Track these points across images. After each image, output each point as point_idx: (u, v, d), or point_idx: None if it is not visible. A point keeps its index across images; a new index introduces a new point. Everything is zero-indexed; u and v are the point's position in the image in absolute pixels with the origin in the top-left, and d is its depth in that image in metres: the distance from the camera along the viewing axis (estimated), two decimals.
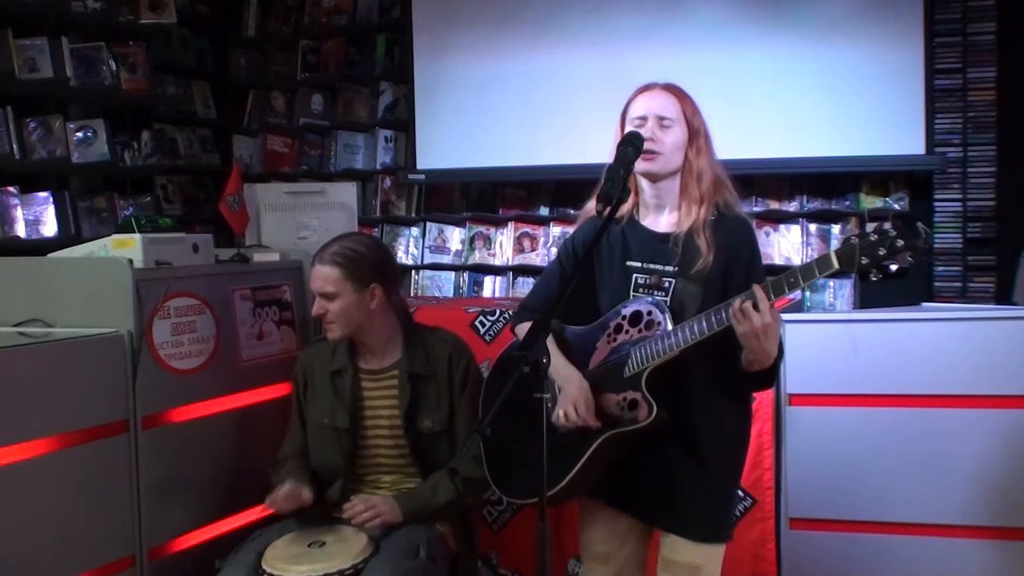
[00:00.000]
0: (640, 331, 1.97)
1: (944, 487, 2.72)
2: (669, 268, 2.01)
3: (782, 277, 1.82)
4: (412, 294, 4.53)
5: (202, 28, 4.91)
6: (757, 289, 1.80)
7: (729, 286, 1.93)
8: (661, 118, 2.00)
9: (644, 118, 2.01)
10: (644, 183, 2.06)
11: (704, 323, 1.87)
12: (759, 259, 2.05)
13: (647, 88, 2.07)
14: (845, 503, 2.79)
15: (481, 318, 3.06)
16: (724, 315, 1.84)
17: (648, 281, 2.03)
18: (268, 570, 2.13)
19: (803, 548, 2.84)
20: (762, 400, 2.81)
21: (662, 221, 2.07)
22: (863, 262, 1.75)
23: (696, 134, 2.03)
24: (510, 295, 4.42)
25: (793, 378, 2.80)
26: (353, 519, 2.27)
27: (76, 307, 2.40)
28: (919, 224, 1.73)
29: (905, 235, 1.72)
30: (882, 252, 1.73)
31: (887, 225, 1.74)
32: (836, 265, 1.78)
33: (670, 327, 1.92)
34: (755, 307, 1.79)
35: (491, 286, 4.53)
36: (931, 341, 2.74)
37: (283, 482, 2.34)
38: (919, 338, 2.76)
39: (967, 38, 3.87)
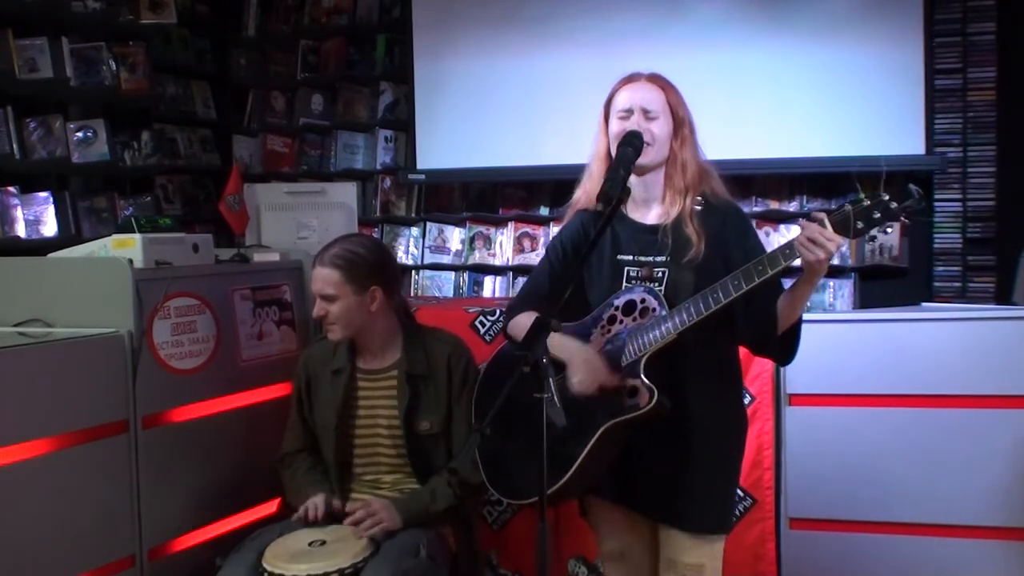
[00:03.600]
0: (635, 319, 1.97)
1: (944, 487, 2.72)
2: (660, 258, 2.01)
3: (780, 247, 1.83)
4: (412, 294, 4.53)
5: (202, 28, 4.90)
6: (811, 225, 1.79)
7: (730, 268, 1.91)
8: (646, 111, 2.00)
9: (629, 111, 2.01)
10: (631, 177, 2.05)
11: (701, 303, 1.86)
12: (757, 241, 2.05)
13: (631, 79, 2.07)
14: (845, 503, 2.79)
15: (481, 318, 3.06)
16: (720, 294, 1.84)
17: (640, 273, 2.03)
18: (268, 569, 2.13)
19: (803, 548, 2.84)
20: (762, 400, 2.81)
21: (650, 214, 2.07)
22: (859, 226, 1.76)
23: (681, 124, 2.03)
24: (510, 295, 4.42)
25: (793, 378, 2.80)
26: (352, 527, 2.27)
27: (76, 307, 2.40)
28: (912, 186, 1.74)
29: (898, 197, 1.73)
30: (877, 215, 1.74)
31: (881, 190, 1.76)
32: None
33: (665, 312, 1.92)
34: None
35: (491, 286, 4.53)
36: (931, 341, 2.74)
37: (301, 487, 2.38)
38: (919, 338, 2.76)
39: (967, 38, 3.87)
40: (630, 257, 2.05)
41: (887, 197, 1.73)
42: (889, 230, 1.77)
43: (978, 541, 2.70)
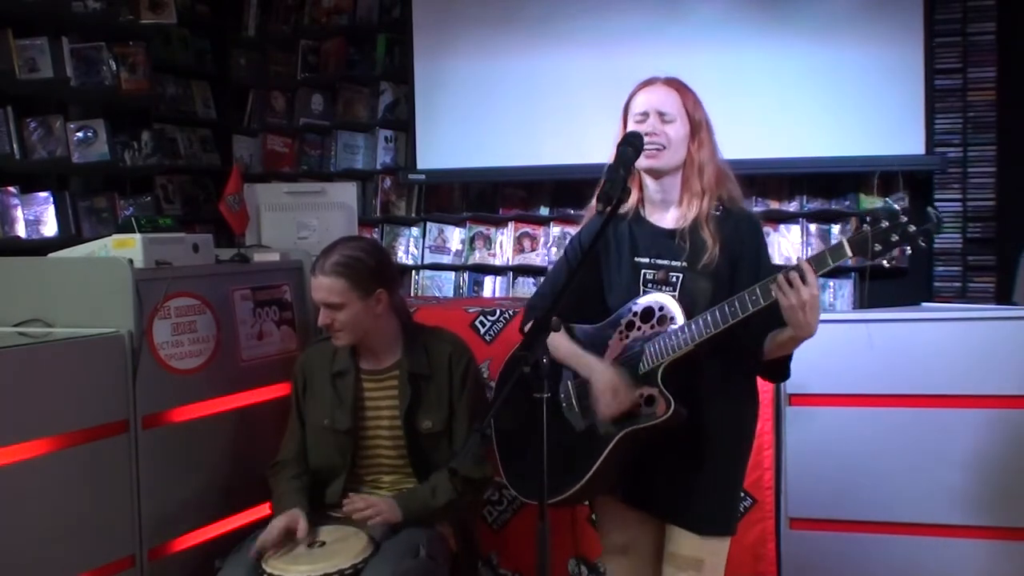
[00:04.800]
0: (652, 327, 1.98)
1: (944, 487, 2.72)
2: (677, 263, 2.01)
3: (811, 257, 1.83)
4: (412, 294, 4.53)
5: (202, 28, 4.90)
6: (803, 262, 1.80)
7: (736, 281, 1.94)
8: (661, 114, 2.01)
9: (645, 114, 2.02)
10: (648, 179, 2.07)
11: (719, 315, 1.87)
12: (767, 254, 2.05)
13: (648, 83, 2.08)
14: (845, 503, 2.79)
15: (481, 318, 3.06)
16: (738, 307, 1.85)
17: (656, 276, 2.03)
18: (268, 570, 2.13)
19: (803, 548, 2.84)
20: (762, 400, 2.80)
21: (668, 217, 2.07)
22: (876, 248, 1.76)
23: (698, 128, 2.03)
24: (510, 295, 4.42)
25: (793, 378, 2.78)
26: (352, 515, 2.27)
27: (76, 307, 2.40)
28: (930, 209, 1.75)
29: (918, 220, 1.73)
30: (895, 238, 1.75)
31: (897, 207, 1.77)
32: (849, 253, 1.79)
33: (683, 321, 1.92)
34: (802, 279, 1.79)
35: (491, 286, 4.53)
36: (931, 341, 2.74)
37: (279, 502, 2.35)
38: (919, 338, 2.76)
39: (967, 38, 3.87)
40: (647, 260, 2.05)
41: (905, 219, 1.74)
42: (908, 251, 1.77)
43: (978, 541, 2.70)
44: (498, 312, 3.05)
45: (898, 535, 2.76)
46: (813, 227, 4.09)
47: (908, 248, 1.76)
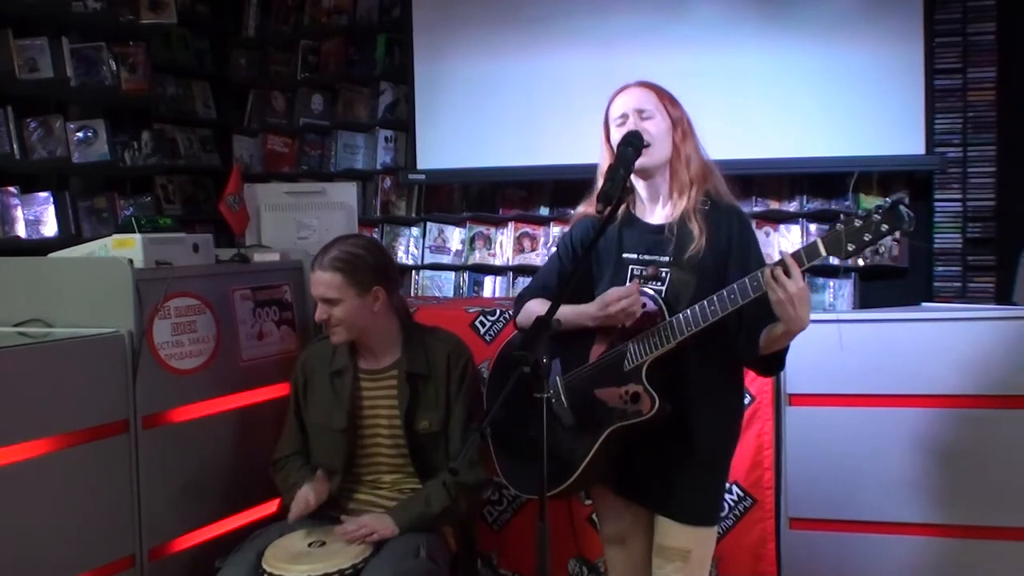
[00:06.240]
0: (637, 323, 1.99)
1: (944, 487, 2.72)
2: (664, 258, 2.03)
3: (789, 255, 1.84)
4: (412, 294, 4.53)
5: (202, 28, 4.91)
6: (786, 256, 1.82)
7: (727, 274, 1.95)
8: (640, 111, 2.04)
9: (624, 116, 2.04)
10: (637, 180, 2.08)
11: (700, 313, 1.89)
12: (757, 249, 2.06)
13: (622, 89, 2.11)
14: (845, 503, 2.79)
15: (481, 318, 3.06)
16: (717, 305, 1.87)
17: (645, 272, 2.05)
18: (268, 570, 2.13)
19: (803, 548, 2.84)
20: (762, 400, 2.81)
21: (657, 213, 2.10)
22: (850, 248, 1.79)
23: (678, 121, 2.06)
24: (510, 295, 4.42)
25: (793, 378, 2.80)
26: (347, 538, 2.25)
27: (76, 307, 2.40)
28: (902, 208, 1.76)
29: (889, 219, 1.75)
30: (868, 237, 1.77)
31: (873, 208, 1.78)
32: (823, 252, 1.81)
33: (667, 318, 1.95)
34: (787, 274, 1.80)
35: (491, 286, 4.53)
36: (931, 341, 2.74)
37: (294, 486, 2.37)
38: (919, 338, 2.76)
39: (967, 38, 3.87)
40: (635, 256, 2.07)
41: (879, 218, 1.76)
42: (882, 249, 1.79)
43: (978, 541, 2.70)
44: (498, 312, 3.05)
45: (898, 535, 2.76)
46: (813, 227, 4.08)
47: (880, 247, 1.79)
